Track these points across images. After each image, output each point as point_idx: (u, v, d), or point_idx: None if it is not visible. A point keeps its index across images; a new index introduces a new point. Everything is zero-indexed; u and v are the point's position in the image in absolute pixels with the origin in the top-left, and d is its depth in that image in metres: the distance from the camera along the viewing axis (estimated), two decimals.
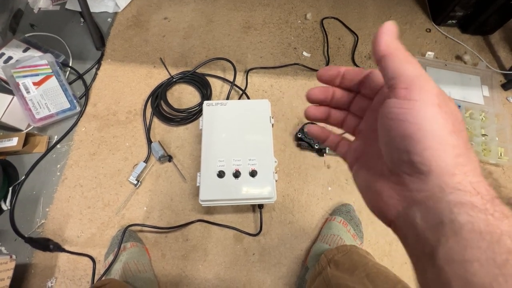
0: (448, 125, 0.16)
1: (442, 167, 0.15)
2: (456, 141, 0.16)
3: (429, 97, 0.16)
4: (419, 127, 0.16)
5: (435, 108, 0.16)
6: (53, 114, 0.75)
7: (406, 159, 0.16)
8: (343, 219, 0.65)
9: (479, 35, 0.95)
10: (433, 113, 0.16)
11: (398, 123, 0.16)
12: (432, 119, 0.16)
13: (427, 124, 0.15)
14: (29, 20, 0.93)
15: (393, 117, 0.16)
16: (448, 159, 0.15)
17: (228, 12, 0.97)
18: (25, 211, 0.69)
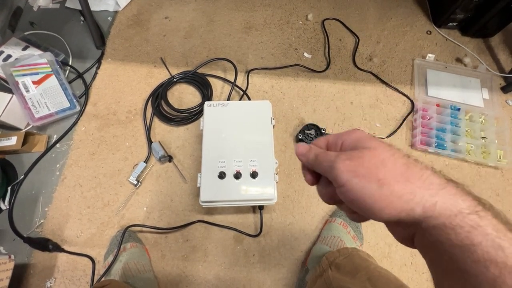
0: (373, 184, 0.19)
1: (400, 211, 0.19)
2: (388, 189, 0.19)
3: (345, 176, 0.20)
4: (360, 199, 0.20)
5: (355, 181, 0.20)
6: (52, 113, 0.75)
7: (378, 218, 0.20)
8: (343, 220, 0.66)
9: (480, 37, 0.95)
10: (358, 185, 0.19)
11: (349, 202, 0.21)
12: (360, 189, 0.19)
13: (361, 195, 0.19)
14: (28, 18, 0.93)
15: (344, 199, 0.21)
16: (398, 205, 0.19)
17: (229, 12, 0.96)
18: (24, 210, 0.68)
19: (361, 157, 0.20)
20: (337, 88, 0.86)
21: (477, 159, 0.75)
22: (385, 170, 0.19)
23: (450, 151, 0.75)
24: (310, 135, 0.75)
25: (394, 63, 0.90)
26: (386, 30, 0.96)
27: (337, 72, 0.88)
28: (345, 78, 0.87)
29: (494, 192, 0.74)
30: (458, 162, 0.77)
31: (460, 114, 0.80)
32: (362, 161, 0.20)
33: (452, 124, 0.79)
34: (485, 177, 0.76)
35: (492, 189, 0.74)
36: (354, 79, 0.87)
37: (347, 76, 0.88)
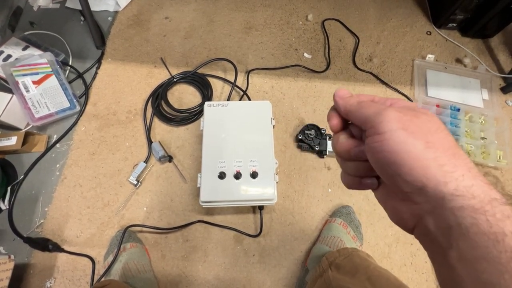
0: (420, 142, 0.18)
1: (432, 180, 0.17)
2: (433, 153, 0.18)
3: (392, 125, 0.18)
4: (395, 153, 0.18)
5: (401, 132, 0.18)
6: (52, 113, 0.75)
7: (400, 181, 0.18)
8: (343, 221, 0.66)
9: (479, 38, 0.95)
10: (401, 137, 0.18)
11: (378, 155, 0.19)
12: (402, 143, 0.18)
13: (400, 148, 0.18)
14: (28, 18, 0.93)
15: (373, 151, 0.19)
16: (433, 172, 0.17)
17: (229, 13, 0.96)
18: (24, 210, 0.68)
19: (416, 116, 0.19)
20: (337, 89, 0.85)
21: (476, 159, 0.76)
22: (438, 136, 0.18)
23: None
24: (310, 135, 0.75)
25: (394, 63, 0.90)
26: (386, 30, 0.96)
27: (337, 72, 0.88)
28: (345, 78, 0.87)
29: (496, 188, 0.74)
30: None
31: (459, 114, 0.81)
32: (417, 120, 0.18)
33: (452, 124, 0.79)
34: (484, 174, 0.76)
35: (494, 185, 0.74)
36: (354, 80, 0.87)
37: (347, 76, 0.88)
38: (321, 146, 0.74)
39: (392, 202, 0.21)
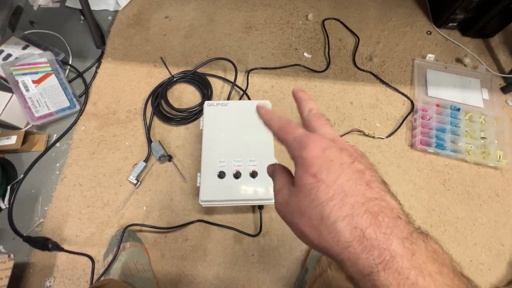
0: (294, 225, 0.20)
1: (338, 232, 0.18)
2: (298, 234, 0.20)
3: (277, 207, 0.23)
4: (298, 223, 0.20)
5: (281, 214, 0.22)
6: (52, 113, 0.75)
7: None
8: None
9: (480, 38, 0.95)
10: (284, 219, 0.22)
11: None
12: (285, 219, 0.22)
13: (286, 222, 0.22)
14: (28, 17, 0.93)
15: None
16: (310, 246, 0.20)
17: (229, 12, 0.96)
18: (24, 210, 0.68)
19: (288, 203, 0.20)
20: (337, 88, 0.86)
21: (476, 159, 0.76)
22: (303, 222, 0.19)
23: (449, 151, 0.75)
24: None
25: (394, 63, 0.90)
26: (386, 30, 0.96)
27: (337, 72, 0.88)
28: (345, 78, 0.87)
29: (494, 192, 0.74)
30: (457, 162, 0.77)
31: (460, 114, 0.80)
32: (289, 208, 0.20)
33: (452, 124, 0.79)
34: (484, 177, 0.76)
35: (492, 190, 0.74)
36: (354, 79, 0.87)
37: (347, 76, 0.88)
38: None
39: None
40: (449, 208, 0.72)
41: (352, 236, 0.17)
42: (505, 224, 0.71)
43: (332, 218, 0.17)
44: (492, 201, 0.73)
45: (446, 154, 0.76)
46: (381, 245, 0.16)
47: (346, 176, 0.18)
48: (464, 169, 0.76)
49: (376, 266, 0.16)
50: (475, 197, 0.73)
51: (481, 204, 0.73)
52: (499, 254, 0.68)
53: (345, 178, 0.18)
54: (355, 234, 0.17)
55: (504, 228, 0.70)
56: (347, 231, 0.17)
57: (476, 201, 0.73)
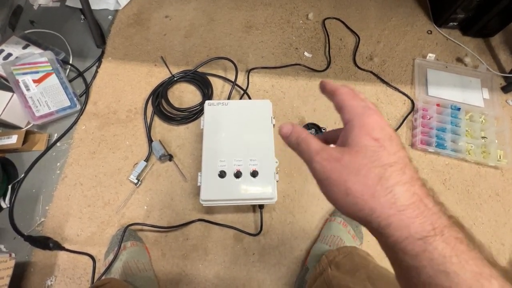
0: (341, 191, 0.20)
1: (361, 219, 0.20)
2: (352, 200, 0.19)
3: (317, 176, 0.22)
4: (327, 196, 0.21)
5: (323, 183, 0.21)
6: (53, 112, 0.75)
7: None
8: (343, 219, 0.66)
9: (480, 37, 0.95)
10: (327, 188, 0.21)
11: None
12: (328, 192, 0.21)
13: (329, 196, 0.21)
14: (28, 16, 0.92)
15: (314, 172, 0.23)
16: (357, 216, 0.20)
17: (230, 11, 0.96)
18: (25, 209, 0.68)
19: (339, 159, 0.20)
20: None
21: (477, 158, 0.76)
22: (355, 180, 0.19)
23: (450, 150, 0.75)
24: None
25: (395, 62, 0.90)
26: (387, 29, 0.96)
27: (338, 71, 0.88)
28: (345, 77, 0.87)
29: (494, 191, 0.74)
30: (458, 161, 0.77)
31: (460, 113, 0.80)
32: (339, 166, 0.20)
33: (452, 123, 0.79)
34: (485, 177, 0.76)
35: (492, 189, 0.74)
36: (355, 79, 0.87)
37: (347, 75, 0.88)
38: None
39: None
40: (450, 208, 0.72)
41: (411, 201, 0.18)
42: (505, 223, 0.71)
43: (392, 181, 0.18)
44: (492, 200, 0.73)
45: (447, 153, 0.76)
46: (437, 214, 0.18)
47: (404, 153, 0.20)
48: (465, 168, 0.77)
49: (433, 230, 0.17)
50: (475, 197, 0.74)
51: (481, 204, 0.73)
52: (499, 253, 0.68)
53: (403, 154, 0.20)
54: (413, 199, 0.18)
55: (504, 228, 0.71)
56: (406, 195, 0.18)
57: (477, 200, 0.73)
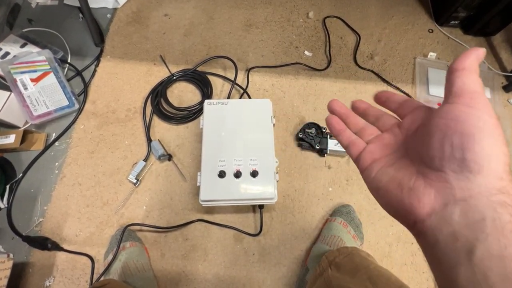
0: (502, 137, 0.17)
1: (492, 169, 0.17)
2: (506, 151, 0.17)
3: (489, 111, 0.18)
4: (480, 130, 0.17)
5: (494, 120, 0.17)
6: (51, 111, 0.74)
7: (459, 156, 0.17)
8: (344, 220, 0.65)
9: (482, 36, 0.95)
10: (494, 122, 0.17)
11: (458, 123, 0.18)
12: (493, 126, 0.17)
13: (488, 129, 0.17)
14: (26, 15, 0.92)
15: (454, 118, 0.18)
16: (499, 164, 0.17)
17: (229, 10, 0.96)
18: (23, 209, 0.68)
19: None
20: (338, 87, 0.85)
21: None
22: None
23: None
24: (310, 134, 0.75)
25: (396, 61, 0.90)
26: (388, 28, 0.95)
27: (338, 70, 0.88)
28: (346, 76, 0.87)
29: None
30: None
31: None
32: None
33: None
34: None
35: None
36: (355, 78, 0.87)
37: (348, 74, 0.87)
38: (322, 145, 0.73)
39: (413, 182, 0.19)
40: None
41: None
42: None
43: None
44: None
45: None
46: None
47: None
48: None
49: None
50: None
51: None
52: None
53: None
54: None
55: None
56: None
57: None
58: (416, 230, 0.19)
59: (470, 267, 0.15)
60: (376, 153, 0.23)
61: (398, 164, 0.21)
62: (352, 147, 0.25)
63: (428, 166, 0.19)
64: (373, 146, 0.24)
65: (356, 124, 0.27)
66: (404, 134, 0.23)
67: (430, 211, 0.18)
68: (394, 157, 0.22)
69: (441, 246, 0.17)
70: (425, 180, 0.19)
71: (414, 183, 0.19)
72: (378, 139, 0.24)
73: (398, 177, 0.21)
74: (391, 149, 0.23)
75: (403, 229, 0.20)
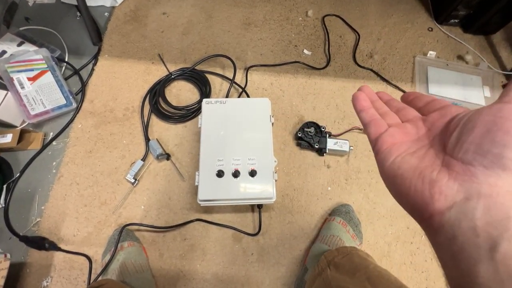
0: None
1: None
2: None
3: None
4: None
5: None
6: (48, 111, 0.74)
7: (497, 152, 0.17)
8: (343, 219, 0.65)
9: (481, 35, 0.94)
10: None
11: (507, 121, 0.17)
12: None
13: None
14: (23, 13, 0.91)
15: (504, 116, 0.17)
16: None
17: (228, 8, 0.95)
18: (20, 209, 0.68)
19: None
20: (337, 86, 0.85)
21: None
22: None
23: None
24: (309, 133, 0.74)
25: (395, 60, 0.89)
26: (387, 27, 0.95)
27: (337, 69, 0.87)
28: (345, 75, 0.86)
29: None
30: None
31: None
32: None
33: None
34: None
35: None
36: (355, 76, 0.86)
37: (347, 73, 0.87)
38: (321, 144, 0.73)
39: (435, 173, 0.19)
40: None
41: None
42: None
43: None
44: None
45: None
46: None
47: None
48: None
49: None
50: None
51: None
52: None
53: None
54: None
55: None
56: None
57: None
58: (431, 224, 0.18)
59: (492, 265, 0.15)
60: (397, 137, 0.23)
61: (420, 153, 0.21)
62: (373, 125, 0.24)
63: (456, 158, 0.18)
64: (395, 130, 0.23)
65: (379, 109, 0.26)
66: (427, 127, 0.22)
67: (451, 204, 0.17)
68: (416, 145, 0.22)
69: (458, 242, 0.17)
70: (449, 172, 0.18)
71: (437, 175, 0.19)
72: (400, 126, 0.24)
73: (420, 167, 0.20)
74: (413, 137, 0.22)
75: (402, 228, 0.20)
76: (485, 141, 0.17)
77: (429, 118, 0.23)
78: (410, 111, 0.25)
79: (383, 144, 0.23)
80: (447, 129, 0.21)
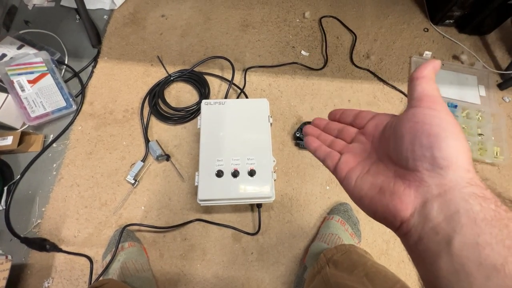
0: (462, 134, 0.19)
1: (459, 163, 0.18)
2: (468, 146, 0.19)
3: (449, 112, 0.20)
4: (444, 129, 0.19)
5: (454, 120, 0.19)
6: (48, 113, 0.74)
7: (429, 155, 0.18)
8: (341, 218, 0.66)
9: (476, 35, 0.96)
10: (454, 122, 0.19)
11: (425, 125, 0.19)
12: (454, 125, 0.19)
13: (450, 128, 0.19)
14: (23, 16, 0.92)
15: (420, 121, 0.20)
16: (464, 158, 0.18)
17: (226, 10, 0.96)
18: (21, 211, 0.68)
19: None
20: (334, 86, 0.86)
21: (474, 155, 0.76)
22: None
23: None
24: None
25: (392, 60, 0.90)
26: (383, 27, 0.96)
27: (335, 69, 0.88)
28: (342, 75, 0.87)
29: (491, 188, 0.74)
30: None
31: (457, 111, 0.81)
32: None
33: None
34: (481, 173, 0.76)
35: (489, 186, 0.75)
36: (352, 77, 0.87)
37: (344, 73, 0.88)
38: None
39: (392, 185, 0.20)
40: None
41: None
42: None
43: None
44: None
45: None
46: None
47: None
48: None
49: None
50: None
51: None
52: None
53: None
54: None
55: None
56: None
57: None
58: (401, 231, 0.20)
59: (449, 258, 0.16)
60: (350, 162, 0.24)
61: (374, 169, 0.22)
62: (328, 159, 0.26)
63: (404, 167, 0.20)
64: (347, 156, 0.25)
65: (326, 140, 0.29)
66: (370, 140, 0.25)
67: (413, 211, 0.19)
68: (368, 162, 0.23)
69: (423, 242, 0.18)
70: (403, 181, 0.20)
71: (394, 186, 0.20)
72: (348, 149, 0.26)
73: (377, 183, 0.21)
74: (363, 156, 0.24)
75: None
76: (415, 147, 0.19)
77: (367, 131, 0.25)
78: (349, 130, 0.27)
79: (341, 172, 0.24)
80: (383, 138, 0.23)
